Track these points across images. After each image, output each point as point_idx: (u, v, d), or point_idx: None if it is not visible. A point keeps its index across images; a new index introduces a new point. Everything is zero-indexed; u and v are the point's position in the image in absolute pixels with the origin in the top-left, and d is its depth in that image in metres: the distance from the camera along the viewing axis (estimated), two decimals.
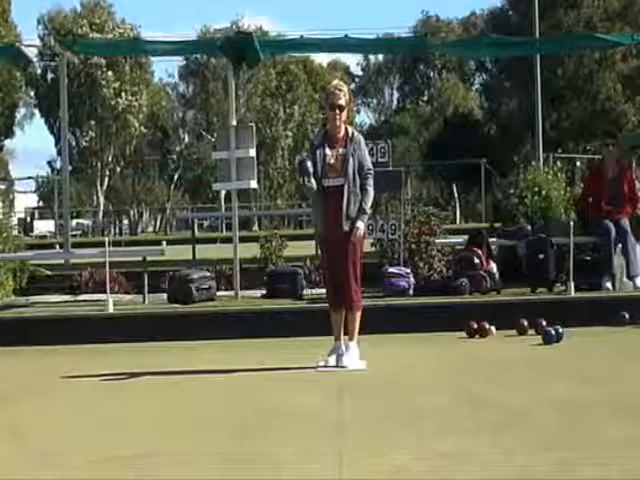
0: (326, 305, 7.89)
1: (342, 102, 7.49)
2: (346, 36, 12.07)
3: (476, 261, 11.22)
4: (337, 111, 7.47)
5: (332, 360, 7.62)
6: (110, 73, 58.36)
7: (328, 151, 7.54)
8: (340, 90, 7.55)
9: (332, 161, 7.53)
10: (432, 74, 75.41)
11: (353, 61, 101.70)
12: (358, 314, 7.67)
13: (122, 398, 6.89)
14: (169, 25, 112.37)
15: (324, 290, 8.13)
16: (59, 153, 57.24)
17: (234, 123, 11.60)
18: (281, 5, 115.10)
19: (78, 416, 6.31)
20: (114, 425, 5.90)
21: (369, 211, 7.71)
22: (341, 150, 7.53)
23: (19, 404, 6.84)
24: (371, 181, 7.61)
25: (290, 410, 6.14)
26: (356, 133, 7.65)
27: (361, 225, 7.54)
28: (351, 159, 7.51)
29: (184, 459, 4.93)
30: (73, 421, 6.14)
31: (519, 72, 43.65)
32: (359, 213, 7.53)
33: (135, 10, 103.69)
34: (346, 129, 7.60)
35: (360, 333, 7.78)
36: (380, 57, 74.19)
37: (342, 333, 7.70)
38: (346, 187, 7.50)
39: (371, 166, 7.69)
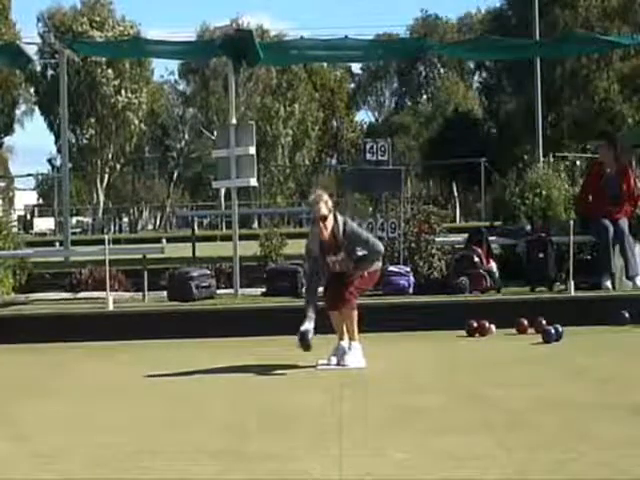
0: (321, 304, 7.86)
1: (323, 212, 7.58)
2: (346, 37, 12.08)
3: (476, 260, 11.22)
4: (321, 222, 7.60)
5: (334, 359, 7.65)
6: (110, 71, 58.40)
7: (329, 259, 7.70)
8: (318, 202, 7.63)
9: (337, 267, 7.71)
10: (432, 73, 75.46)
11: None
12: (352, 313, 7.65)
13: (122, 396, 6.88)
14: (169, 23, 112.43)
15: (323, 289, 8.11)
16: (59, 151, 57.26)
17: (234, 121, 11.59)
18: (281, 4, 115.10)
19: (77, 414, 6.30)
20: (114, 424, 5.90)
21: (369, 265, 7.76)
22: (340, 257, 7.66)
23: (18, 402, 6.83)
24: (376, 255, 7.72)
25: (290, 409, 6.14)
26: (341, 223, 7.64)
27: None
28: (351, 254, 7.63)
29: (184, 458, 4.93)
30: (72, 419, 6.13)
31: (518, 71, 43.69)
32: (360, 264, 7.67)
33: (135, 8, 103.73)
34: (333, 228, 7.62)
35: (360, 332, 7.77)
36: None
37: (344, 332, 7.70)
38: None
39: (370, 239, 7.78)
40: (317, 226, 7.61)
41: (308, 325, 7.54)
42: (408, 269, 11.23)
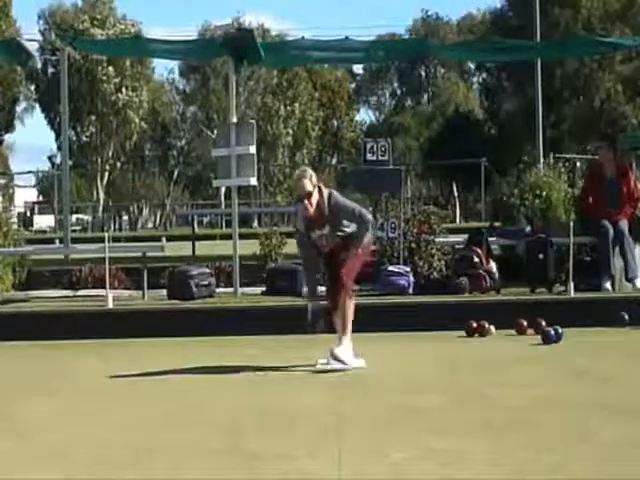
0: (325, 303, 7.83)
1: (308, 188, 7.42)
2: (347, 38, 12.07)
3: (476, 260, 11.23)
4: (306, 200, 7.44)
5: (330, 358, 7.57)
6: (111, 68, 58.33)
7: (314, 234, 7.56)
8: (302, 178, 7.48)
9: (324, 241, 7.58)
10: (432, 73, 75.48)
11: None
12: (349, 304, 7.47)
13: (121, 395, 6.88)
14: (170, 21, 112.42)
15: (324, 288, 8.09)
16: (59, 148, 57.24)
17: (234, 120, 11.59)
18: (283, 3, 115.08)
19: (77, 412, 6.30)
20: (113, 422, 5.89)
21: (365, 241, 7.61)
22: (325, 230, 7.53)
23: (18, 400, 6.83)
24: (365, 226, 7.54)
25: (289, 408, 6.14)
26: (326, 196, 7.49)
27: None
28: (338, 228, 7.50)
29: (183, 458, 4.92)
30: (72, 418, 6.13)
31: (519, 72, 43.68)
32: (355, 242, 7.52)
33: (136, 6, 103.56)
34: (318, 202, 7.47)
35: (359, 331, 7.75)
36: None
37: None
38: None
39: (356, 209, 7.58)
40: (302, 203, 7.46)
41: (314, 306, 7.48)
42: (408, 269, 11.24)
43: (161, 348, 9.17)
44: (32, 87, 62.00)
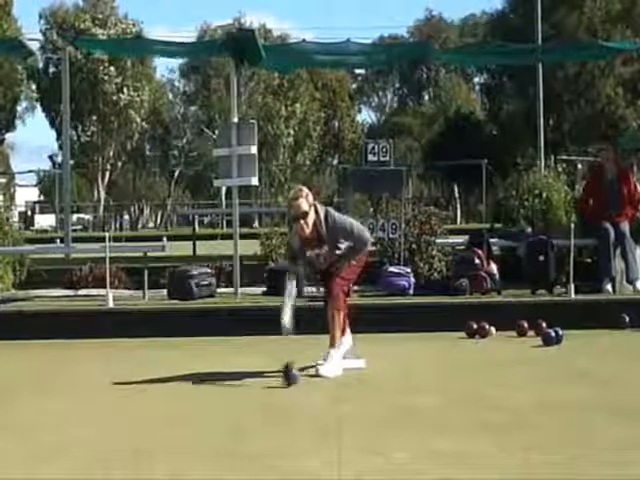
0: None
1: (304, 208, 7.18)
2: (348, 40, 12.05)
3: (476, 261, 11.23)
4: (302, 220, 7.20)
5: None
6: (112, 68, 58.33)
7: (312, 254, 7.36)
8: (298, 198, 7.21)
9: (322, 260, 7.38)
10: (434, 74, 75.48)
11: None
12: (337, 315, 7.30)
13: (121, 394, 6.88)
14: (171, 21, 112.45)
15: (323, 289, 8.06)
16: (60, 148, 57.24)
17: (236, 120, 11.59)
18: (284, 3, 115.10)
19: (76, 412, 6.30)
20: (113, 422, 5.90)
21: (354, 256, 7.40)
22: (323, 250, 7.34)
23: (18, 399, 6.82)
24: (364, 244, 7.37)
25: (289, 408, 6.14)
26: (323, 215, 7.25)
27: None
28: (336, 246, 7.30)
29: (182, 457, 4.92)
30: (71, 417, 6.13)
31: (520, 73, 43.67)
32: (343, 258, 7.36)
33: (137, 5, 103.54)
34: (315, 222, 7.24)
35: (360, 331, 7.75)
36: None
37: (345, 332, 7.59)
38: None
39: (354, 227, 7.35)
40: (298, 223, 7.20)
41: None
42: (408, 270, 11.24)
43: (161, 348, 9.16)
44: (33, 86, 61.96)
